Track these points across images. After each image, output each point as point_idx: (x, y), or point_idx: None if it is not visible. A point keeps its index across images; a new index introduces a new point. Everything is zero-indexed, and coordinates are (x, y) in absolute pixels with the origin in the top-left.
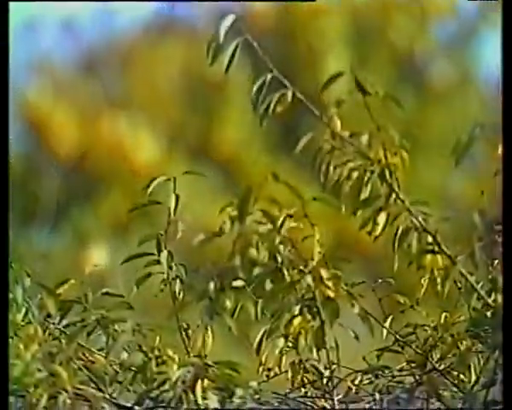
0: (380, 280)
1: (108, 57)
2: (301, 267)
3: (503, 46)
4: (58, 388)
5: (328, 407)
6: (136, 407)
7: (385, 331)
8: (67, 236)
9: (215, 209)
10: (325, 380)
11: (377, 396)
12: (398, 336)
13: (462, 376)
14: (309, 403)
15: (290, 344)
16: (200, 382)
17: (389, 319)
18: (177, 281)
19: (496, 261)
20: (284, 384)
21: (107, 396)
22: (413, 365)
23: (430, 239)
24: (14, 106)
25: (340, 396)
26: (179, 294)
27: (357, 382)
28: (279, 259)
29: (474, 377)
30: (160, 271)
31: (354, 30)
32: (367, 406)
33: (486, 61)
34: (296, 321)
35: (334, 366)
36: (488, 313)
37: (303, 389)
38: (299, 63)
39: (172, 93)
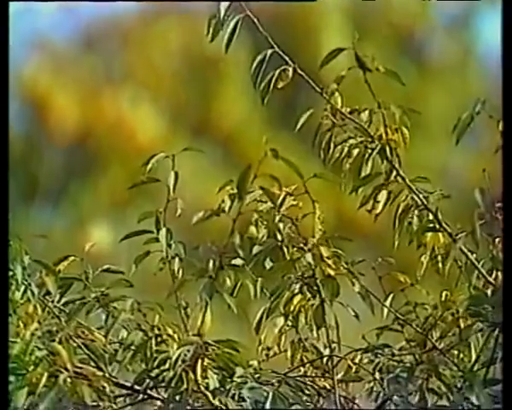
0: (380, 259)
1: (108, 35)
2: (301, 245)
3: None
4: (58, 366)
5: (328, 387)
6: (137, 386)
7: (385, 310)
8: (67, 213)
9: (215, 187)
10: (325, 359)
11: (377, 375)
12: (398, 315)
13: (462, 354)
14: (309, 382)
15: (290, 323)
16: (200, 361)
17: (389, 298)
18: (177, 259)
19: (497, 239)
20: (284, 364)
21: (107, 375)
22: (413, 343)
23: (431, 217)
24: (12, 84)
25: (339, 376)
26: (178, 272)
27: (357, 361)
28: (279, 237)
29: (474, 356)
30: (160, 249)
31: (354, 7)
32: (367, 385)
33: (487, 39)
34: (296, 299)
35: (334, 345)
36: (489, 292)
37: (302, 369)
38: (298, 41)
39: (173, 70)
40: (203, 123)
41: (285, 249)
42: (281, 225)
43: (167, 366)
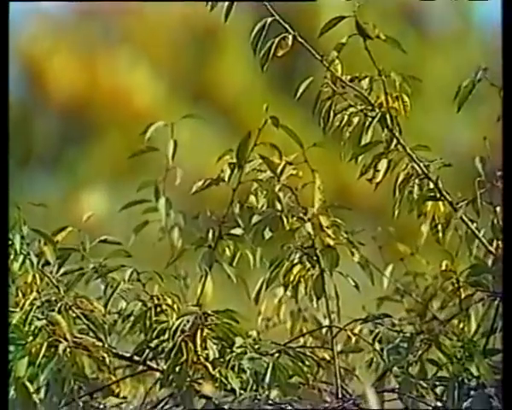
0: (380, 228)
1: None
2: (301, 215)
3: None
4: (57, 336)
5: (328, 358)
6: (136, 357)
7: (385, 280)
8: (65, 182)
9: (215, 155)
10: (324, 330)
11: (377, 346)
12: (398, 285)
13: (462, 324)
14: (308, 353)
15: (289, 293)
16: (199, 331)
17: (389, 268)
18: (176, 229)
19: (498, 208)
20: (284, 335)
21: (107, 346)
22: (413, 314)
23: (431, 186)
24: (10, 51)
25: (339, 347)
26: (178, 242)
27: (356, 331)
28: (278, 206)
29: (474, 326)
30: (159, 218)
31: None
32: (367, 356)
33: (488, 7)
34: (295, 270)
35: (334, 316)
36: (489, 261)
37: (302, 340)
38: (299, 10)
39: (172, 38)
40: (202, 91)
41: (284, 219)
42: (280, 195)
43: (166, 336)
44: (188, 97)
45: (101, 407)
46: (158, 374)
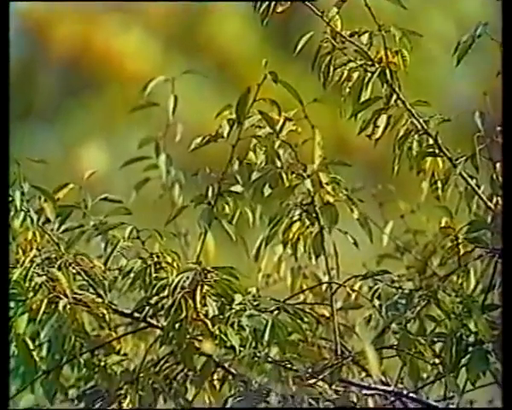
0: (379, 186)
1: None
2: (300, 172)
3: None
4: (57, 292)
5: (327, 314)
6: (136, 314)
7: (385, 238)
8: (63, 140)
9: (214, 112)
10: (324, 286)
11: (376, 302)
12: (398, 242)
13: (461, 280)
14: (308, 310)
15: (289, 251)
16: (199, 288)
17: (389, 225)
18: (177, 186)
19: (497, 164)
20: (284, 292)
21: (107, 302)
22: (413, 270)
23: (431, 142)
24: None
25: (339, 303)
26: (178, 199)
27: (356, 288)
28: (278, 163)
29: (473, 283)
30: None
31: None
32: (366, 312)
33: None
34: (295, 227)
35: (333, 273)
36: (489, 218)
37: (302, 296)
38: None
39: None
40: (198, 47)
41: (284, 176)
42: (280, 151)
43: (166, 293)
44: (184, 54)
45: (103, 364)
46: (158, 332)
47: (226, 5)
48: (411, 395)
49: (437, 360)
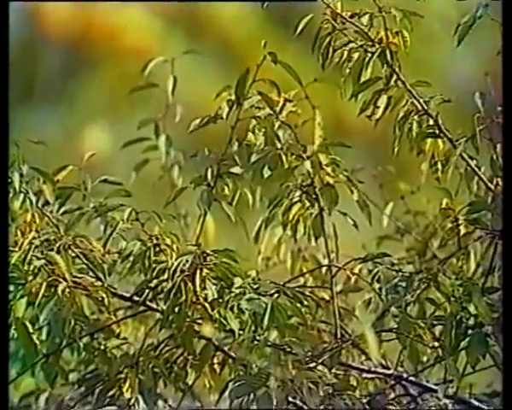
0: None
1: None
2: (300, 153)
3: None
4: (56, 276)
5: (327, 298)
6: (136, 297)
7: (385, 219)
8: (64, 121)
9: (213, 93)
10: (324, 269)
11: (376, 285)
12: (398, 224)
13: (461, 262)
14: (308, 293)
15: (289, 233)
16: (198, 271)
17: (389, 206)
18: (176, 167)
19: (498, 145)
20: (284, 275)
21: (106, 285)
22: (413, 252)
23: (431, 122)
24: None
25: (338, 287)
26: (178, 181)
27: (356, 271)
28: (278, 144)
29: (473, 265)
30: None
31: None
32: (367, 295)
33: None
34: (294, 209)
35: (333, 256)
36: (489, 199)
37: (302, 279)
38: None
39: None
40: (200, 27)
41: (284, 157)
42: (279, 132)
43: (166, 276)
44: (184, 35)
45: (103, 348)
46: (158, 315)
47: None
48: (411, 378)
49: (436, 344)
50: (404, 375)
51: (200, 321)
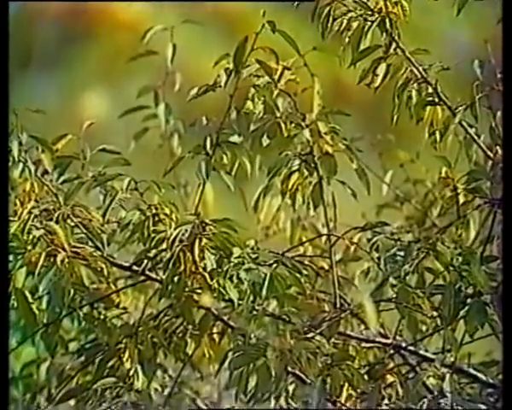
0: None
1: None
2: (299, 121)
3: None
4: (55, 246)
5: (326, 267)
6: (135, 267)
7: (384, 187)
8: (63, 89)
9: (211, 62)
10: (323, 238)
11: (375, 255)
12: (397, 192)
13: (460, 231)
14: (307, 263)
15: (288, 202)
16: (197, 241)
17: (389, 175)
18: (176, 136)
19: (497, 113)
20: (283, 244)
21: (105, 255)
22: (412, 221)
23: (430, 90)
24: None
25: (338, 256)
26: (177, 150)
27: (355, 240)
28: (277, 113)
29: (472, 234)
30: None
31: None
32: (366, 264)
33: None
34: (293, 177)
35: (332, 224)
36: (488, 167)
37: (301, 249)
38: None
39: None
40: None
41: (283, 126)
42: (278, 101)
43: (165, 246)
44: (180, 5)
45: (102, 317)
46: (157, 285)
47: None
48: (410, 347)
49: (435, 313)
50: (403, 344)
51: (199, 291)
